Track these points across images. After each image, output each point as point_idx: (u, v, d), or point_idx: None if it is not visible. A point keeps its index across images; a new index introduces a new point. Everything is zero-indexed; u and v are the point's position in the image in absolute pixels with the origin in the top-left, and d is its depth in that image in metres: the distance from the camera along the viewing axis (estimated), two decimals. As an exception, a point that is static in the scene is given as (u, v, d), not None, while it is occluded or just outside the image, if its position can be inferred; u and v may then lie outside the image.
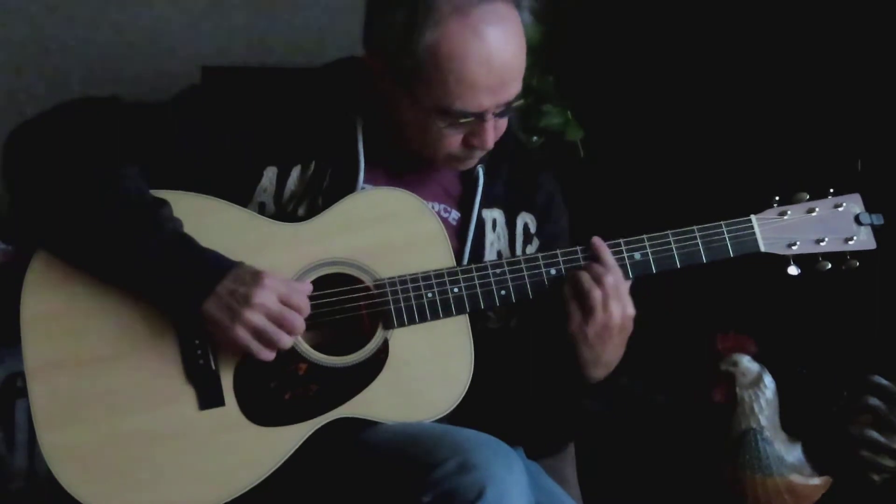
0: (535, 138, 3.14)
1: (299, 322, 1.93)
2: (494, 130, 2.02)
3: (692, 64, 3.15)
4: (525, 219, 2.18)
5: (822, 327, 2.96)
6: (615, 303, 2.00)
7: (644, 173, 3.19)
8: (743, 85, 3.08)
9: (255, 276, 1.91)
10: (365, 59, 2.04)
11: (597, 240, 2.04)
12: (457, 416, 2.05)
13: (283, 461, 1.95)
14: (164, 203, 1.95)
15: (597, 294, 1.99)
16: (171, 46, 3.41)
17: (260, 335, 1.92)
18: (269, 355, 1.94)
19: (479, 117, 1.99)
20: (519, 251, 2.16)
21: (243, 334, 1.91)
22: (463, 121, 1.99)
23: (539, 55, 3.13)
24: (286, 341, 1.93)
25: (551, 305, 2.03)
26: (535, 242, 2.18)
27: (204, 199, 1.99)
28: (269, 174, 2.04)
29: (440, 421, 2.02)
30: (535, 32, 3.09)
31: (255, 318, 1.90)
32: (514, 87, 2.00)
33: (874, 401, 2.71)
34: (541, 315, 2.07)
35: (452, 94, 1.95)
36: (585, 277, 2.00)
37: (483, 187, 2.13)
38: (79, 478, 1.92)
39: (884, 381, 2.72)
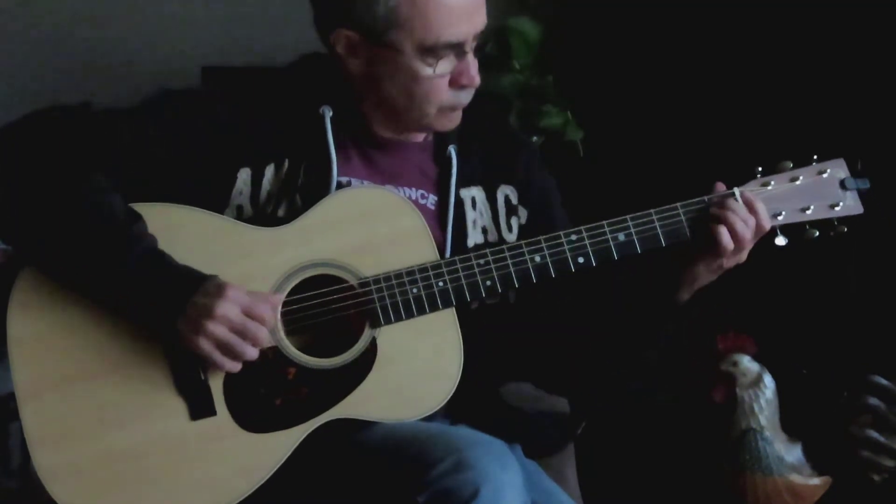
0: (535, 138, 3.14)
1: (262, 333, 1.92)
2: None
3: (691, 61, 3.15)
4: (505, 191, 2.17)
5: (822, 327, 2.95)
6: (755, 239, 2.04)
7: (644, 172, 3.18)
8: (741, 80, 3.08)
9: (219, 289, 1.90)
10: (331, 41, 2.04)
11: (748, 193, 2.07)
12: (453, 414, 2.07)
13: (278, 466, 1.95)
14: (137, 218, 1.95)
15: (749, 236, 2.02)
16: (171, 46, 3.41)
17: (223, 347, 1.91)
18: (234, 367, 1.93)
19: (461, 50, 2.01)
20: (503, 224, 2.16)
21: (207, 346, 1.90)
22: (447, 56, 2.00)
23: (539, 55, 3.14)
24: (250, 353, 1.92)
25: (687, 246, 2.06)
26: (523, 212, 2.18)
27: (182, 209, 1.99)
28: (244, 176, 2.04)
29: (434, 417, 2.02)
30: (536, 32, 3.12)
31: (218, 330, 1.89)
32: (483, 15, 2.03)
33: (874, 401, 2.71)
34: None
35: (434, 25, 1.97)
36: (740, 222, 2.02)
37: (458, 166, 2.13)
38: (75, 495, 1.92)
39: (884, 381, 2.72)
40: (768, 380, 2.72)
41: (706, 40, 3.12)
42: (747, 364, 2.74)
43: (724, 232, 2.01)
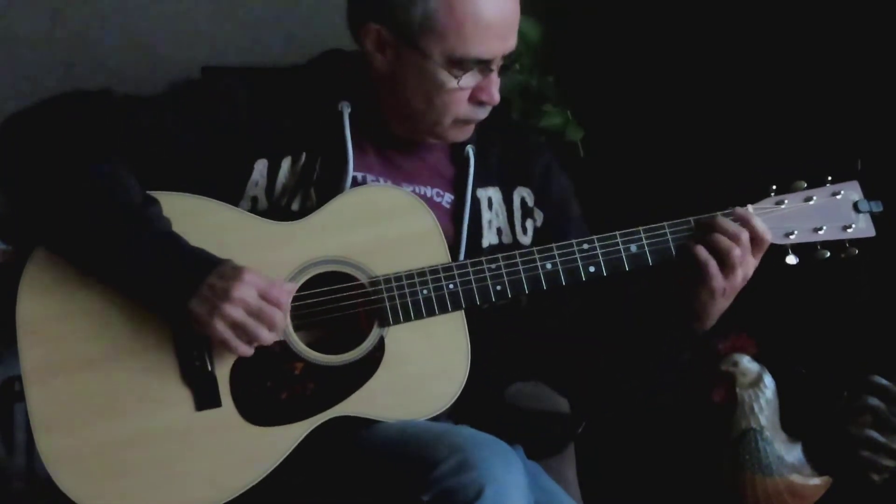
0: (534, 138, 3.14)
1: (279, 317, 1.92)
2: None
3: (691, 61, 3.15)
4: (522, 193, 2.18)
5: (822, 327, 2.96)
6: (750, 257, 2.01)
7: (644, 172, 3.19)
8: (741, 80, 3.08)
9: (236, 271, 1.90)
10: (361, 34, 2.04)
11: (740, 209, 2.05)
12: (457, 414, 2.06)
13: (281, 461, 1.95)
14: (153, 201, 1.95)
15: (736, 252, 1.99)
16: (171, 46, 3.41)
17: (238, 329, 1.91)
18: (247, 350, 1.93)
19: (488, 66, 2.01)
20: (518, 226, 2.16)
21: (222, 328, 1.90)
22: (473, 70, 2.01)
23: (539, 55, 3.14)
24: (265, 336, 1.92)
25: (675, 270, 2.03)
26: (539, 215, 2.18)
27: (197, 199, 1.99)
28: (260, 167, 2.04)
29: (439, 418, 2.02)
30: (536, 32, 3.12)
31: (234, 311, 1.89)
32: (514, 37, 2.04)
33: (874, 401, 2.72)
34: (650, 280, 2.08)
35: (468, 38, 1.98)
36: (723, 239, 2.00)
37: (475, 166, 2.14)
38: (77, 481, 1.92)
39: (884, 381, 2.73)
40: (768, 380, 2.73)
41: (706, 39, 3.13)
42: (747, 364, 2.75)
43: (701, 250, 2.00)
